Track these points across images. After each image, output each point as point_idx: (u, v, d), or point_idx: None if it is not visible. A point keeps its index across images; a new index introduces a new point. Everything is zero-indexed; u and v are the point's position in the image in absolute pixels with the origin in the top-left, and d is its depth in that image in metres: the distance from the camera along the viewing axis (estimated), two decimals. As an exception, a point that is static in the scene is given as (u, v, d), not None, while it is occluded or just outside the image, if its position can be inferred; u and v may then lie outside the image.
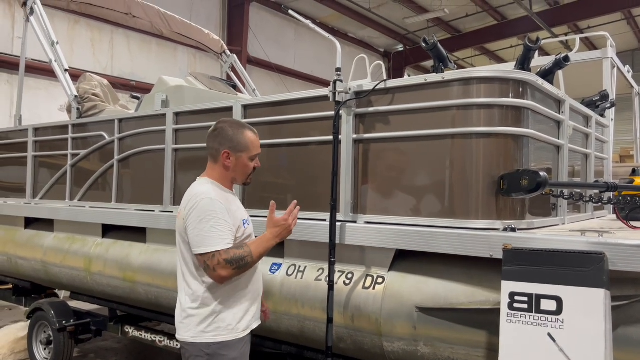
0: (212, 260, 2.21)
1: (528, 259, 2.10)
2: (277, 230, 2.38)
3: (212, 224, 2.22)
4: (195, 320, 2.30)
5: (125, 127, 4.14)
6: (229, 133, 2.37)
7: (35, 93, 9.46)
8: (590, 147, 3.51)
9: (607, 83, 4.81)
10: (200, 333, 2.29)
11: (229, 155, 2.37)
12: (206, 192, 2.29)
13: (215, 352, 2.29)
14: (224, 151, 2.36)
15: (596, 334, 1.91)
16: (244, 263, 2.25)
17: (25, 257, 4.84)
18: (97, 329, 4.61)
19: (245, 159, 2.40)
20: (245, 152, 2.39)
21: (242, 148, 2.38)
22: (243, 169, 2.42)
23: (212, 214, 2.23)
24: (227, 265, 2.21)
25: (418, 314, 2.52)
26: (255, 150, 2.43)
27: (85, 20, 10.11)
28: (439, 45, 2.72)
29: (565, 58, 2.77)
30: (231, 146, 2.37)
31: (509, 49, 17.55)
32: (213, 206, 2.25)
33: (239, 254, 2.24)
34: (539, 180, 2.25)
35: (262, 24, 13.83)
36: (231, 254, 2.23)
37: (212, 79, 4.85)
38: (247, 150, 2.39)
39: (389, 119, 2.77)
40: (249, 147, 2.40)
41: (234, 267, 2.22)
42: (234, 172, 2.41)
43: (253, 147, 2.42)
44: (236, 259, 2.23)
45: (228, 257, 2.21)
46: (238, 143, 2.37)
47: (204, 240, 2.22)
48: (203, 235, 2.22)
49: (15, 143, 5.22)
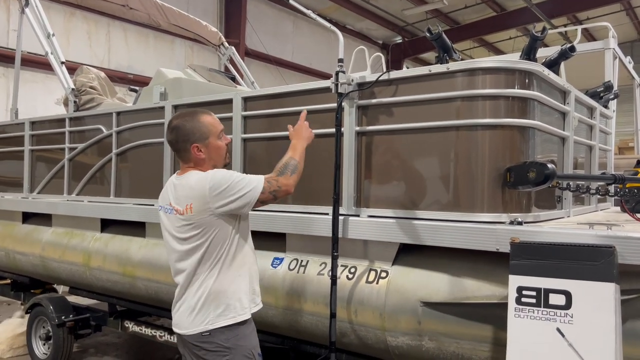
0: (272, 185, 2.28)
1: (536, 252, 2.06)
2: (307, 135, 2.55)
3: (238, 174, 2.27)
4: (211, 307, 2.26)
5: (123, 120, 4.09)
6: (187, 127, 2.33)
7: (32, 86, 9.37)
8: (595, 139, 3.48)
9: (609, 74, 4.76)
10: (216, 317, 2.26)
11: (199, 147, 2.33)
12: (209, 172, 2.30)
13: (235, 344, 2.27)
14: (193, 146, 2.32)
15: (606, 328, 1.88)
16: (293, 167, 2.35)
17: (23, 252, 4.79)
18: (97, 324, 4.59)
19: (214, 143, 2.37)
20: (211, 136, 2.36)
21: (206, 134, 2.34)
22: (217, 151, 2.39)
23: (230, 173, 2.27)
24: (285, 176, 2.31)
25: (423, 308, 2.48)
26: (217, 128, 2.39)
27: (81, 12, 10.01)
28: (444, 36, 2.67)
29: (571, 48, 2.72)
30: (196, 138, 2.32)
31: (508, 40, 17.46)
32: (225, 171, 2.30)
33: (283, 163, 2.36)
34: (547, 173, 2.21)
35: (260, 16, 13.73)
36: (278, 169, 2.35)
37: (211, 71, 4.79)
38: (210, 133, 2.35)
39: (392, 111, 2.72)
40: (210, 130, 2.36)
41: (291, 173, 2.33)
42: (211, 159, 2.37)
43: (214, 127, 2.38)
44: (285, 168, 2.33)
45: (280, 173, 2.32)
46: (200, 132, 2.33)
47: (251, 182, 2.25)
48: (245, 181, 2.25)
49: (11, 137, 5.16)
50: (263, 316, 3.05)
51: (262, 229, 3.08)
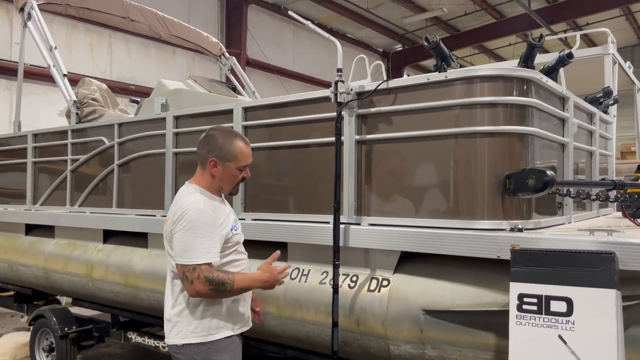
0: (192, 273, 2.17)
1: (537, 259, 2.06)
2: (266, 275, 2.32)
3: (198, 235, 2.19)
4: (184, 322, 2.30)
5: (125, 132, 4.11)
6: (218, 141, 2.35)
7: (35, 98, 9.43)
8: (595, 145, 3.48)
9: (609, 79, 4.77)
10: (189, 333, 2.28)
11: (216, 163, 2.34)
12: (195, 202, 2.26)
13: (205, 357, 2.27)
14: (212, 159, 2.34)
15: (608, 335, 1.87)
16: (223, 289, 2.20)
17: (26, 263, 4.80)
18: (100, 335, 4.58)
19: (232, 169, 2.36)
20: (234, 162, 2.35)
21: (231, 157, 2.34)
22: (230, 178, 2.38)
23: (199, 225, 2.20)
24: (207, 282, 2.17)
25: (424, 316, 2.48)
26: (244, 160, 2.39)
27: (83, 24, 10.08)
28: (441, 44, 2.68)
29: (569, 55, 2.74)
30: (219, 155, 2.34)
31: (508, 47, 17.51)
32: (201, 217, 2.22)
33: (222, 278, 2.20)
34: (546, 179, 2.21)
35: (260, 26, 13.80)
36: (214, 274, 2.19)
37: (212, 82, 4.82)
38: (235, 159, 2.35)
39: (391, 119, 2.74)
40: (237, 157, 2.35)
41: (212, 288, 2.18)
42: (220, 180, 2.37)
43: (242, 157, 2.37)
44: (217, 281, 2.19)
45: (210, 276, 2.18)
46: (227, 152, 2.34)
47: (187, 252, 2.20)
48: (187, 246, 2.20)
49: (14, 149, 5.19)
50: (265, 326, 3.06)
51: (263, 238, 3.09)
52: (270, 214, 3.19)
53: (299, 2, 13.62)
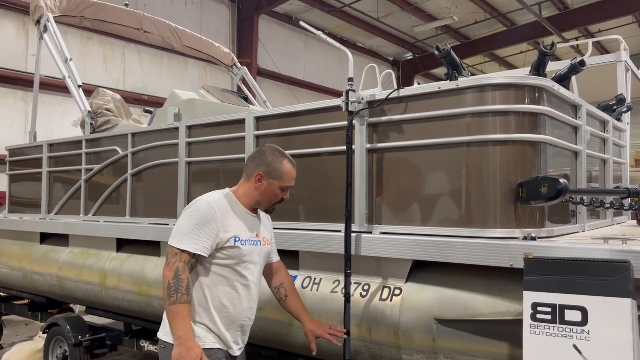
0: (173, 257, 2.22)
1: (550, 268, 2.04)
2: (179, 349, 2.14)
3: (195, 224, 2.25)
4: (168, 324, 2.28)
5: (139, 142, 4.16)
6: (268, 158, 2.42)
7: (50, 109, 9.58)
8: (608, 152, 3.46)
9: (622, 87, 4.74)
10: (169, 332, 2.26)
11: (262, 178, 2.40)
12: (210, 196, 2.37)
13: None
14: (258, 173, 2.40)
15: (624, 344, 1.85)
16: (169, 294, 2.17)
17: (40, 272, 4.86)
18: (113, 344, 4.60)
19: (275, 187, 2.41)
20: (278, 180, 2.41)
21: (277, 175, 2.40)
22: (270, 196, 2.43)
23: (199, 216, 2.26)
24: (173, 273, 2.18)
25: (437, 325, 2.47)
26: (288, 181, 2.44)
27: (97, 36, 10.25)
28: (452, 53, 2.69)
29: (581, 63, 2.73)
30: (267, 171, 2.40)
31: (519, 54, 17.45)
32: (205, 210, 2.28)
33: (179, 287, 2.16)
34: (559, 188, 2.20)
35: (271, 36, 13.92)
36: (183, 277, 2.18)
37: (224, 92, 4.86)
38: (280, 179, 2.41)
39: (402, 128, 2.74)
40: (283, 177, 2.41)
41: (170, 282, 2.17)
42: (261, 196, 2.42)
43: (287, 177, 2.43)
44: (176, 283, 2.17)
45: (180, 273, 2.18)
46: (274, 170, 2.40)
47: (179, 235, 2.26)
48: (180, 230, 2.27)
49: (30, 159, 5.27)
50: (277, 334, 3.05)
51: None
52: (282, 223, 3.20)
53: (309, 12, 13.73)
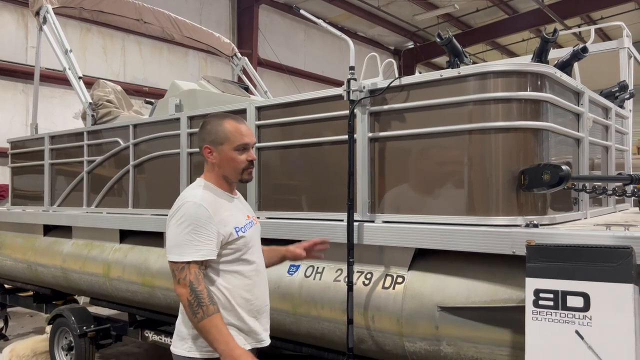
0: (180, 273, 1.99)
1: (552, 255, 2.05)
2: (227, 354, 1.94)
3: (190, 230, 2.00)
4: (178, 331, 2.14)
5: (140, 133, 4.16)
6: (207, 127, 2.19)
7: (50, 101, 9.57)
8: (611, 139, 3.45)
9: (624, 73, 4.72)
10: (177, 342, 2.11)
11: (211, 149, 2.17)
12: (193, 196, 2.10)
13: None
14: (205, 146, 2.18)
15: (626, 330, 1.86)
16: (195, 308, 1.95)
17: (45, 264, 4.88)
18: (117, 334, 4.64)
19: (228, 151, 2.14)
20: (226, 143, 2.14)
21: (222, 139, 2.14)
22: (229, 162, 2.16)
23: (192, 219, 2.01)
24: (189, 289, 1.96)
25: (440, 313, 2.48)
26: (237, 139, 2.14)
27: (97, 27, 10.21)
28: (454, 40, 2.67)
29: (583, 49, 2.71)
30: (210, 140, 2.16)
31: (521, 42, 17.32)
32: (196, 211, 2.03)
33: (202, 297, 1.96)
34: (561, 174, 2.20)
35: (271, 26, 13.84)
36: (200, 288, 1.97)
37: (225, 82, 4.85)
38: (227, 140, 2.14)
39: (404, 116, 2.74)
40: (228, 137, 2.14)
41: (190, 298, 1.96)
42: (220, 168, 2.17)
43: (234, 136, 2.14)
44: (197, 295, 1.96)
45: (195, 287, 1.96)
46: (216, 134, 2.15)
47: (177, 247, 2.02)
48: (178, 241, 2.02)
49: (32, 151, 5.28)
50: (280, 323, 3.07)
51: (277, 236, 3.10)
52: (284, 212, 3.21)
53: (310, 1, 13.64)
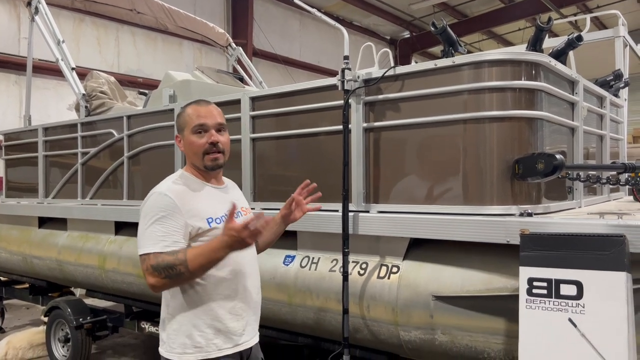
0: (143, 265, 1.88)
1: (546, 243, 2.06)
2: (226, 239, 1.79)
3: (154, 222, 1.90)
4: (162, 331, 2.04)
5: (134, 124, 4.14)
6: (176, 119, 2.13)
7: (44, 93, 9.49)
8: (605, 128, 3.45)
9: (620, 62, 4.71)
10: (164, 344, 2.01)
11: (179, 138, 2.08)
12: (160, 186, 2.02)
13: None
14: (176, 136, 2.12)
15: (618, 318, 1.87)
16: (175, 272, 1.83)
17: (40, 256, 4.87)
18: (114, 326, 4.65)
19: (188, 136, 2.02)
20: (186, 128, 2.02)
21: (183, 124, 2.04)
22: (192, 148, 2.02)
23: (155, 210, 1.91)
24: (155, 272, 1.84)
25: (434, 302, 2.49)
26: (195, 120, 2.00)
27: (90, 18, 10.11)
28: (449, 29, 2.66)
29: (578, 37, 2.71)
30: (177, 128, 2.09)
31: (517, 31, 17.29)
32: (159, 201, 1.93)
33: (168, 261, 1.83)
34: (555, 163, 2.20)
35: (266, 15, 13.75)
36: (159, 259, 1.84)
37: (219, 73, 4.82)
38: (186, 124, 2.02)
39: (399, 106, 2.73)
40: (186, 121, 2.02)
41: (163, 276, 1.83)
42: (188, 156, 2.07)
43: (190, 118, 2.01)
44: (163, 266, 1.83)
45: (154, 263, 1.84)
46: (180, 122, 2.06)
47: (140, 240, 1.92)
48: (140, 234, 1.93)
49: (26, 143, 5.24)
50: (276, 313, 3.08)
51: (273, 227, 3.10)
52: (279, 203, 3.20)
53: (305, -10, 13.54)
